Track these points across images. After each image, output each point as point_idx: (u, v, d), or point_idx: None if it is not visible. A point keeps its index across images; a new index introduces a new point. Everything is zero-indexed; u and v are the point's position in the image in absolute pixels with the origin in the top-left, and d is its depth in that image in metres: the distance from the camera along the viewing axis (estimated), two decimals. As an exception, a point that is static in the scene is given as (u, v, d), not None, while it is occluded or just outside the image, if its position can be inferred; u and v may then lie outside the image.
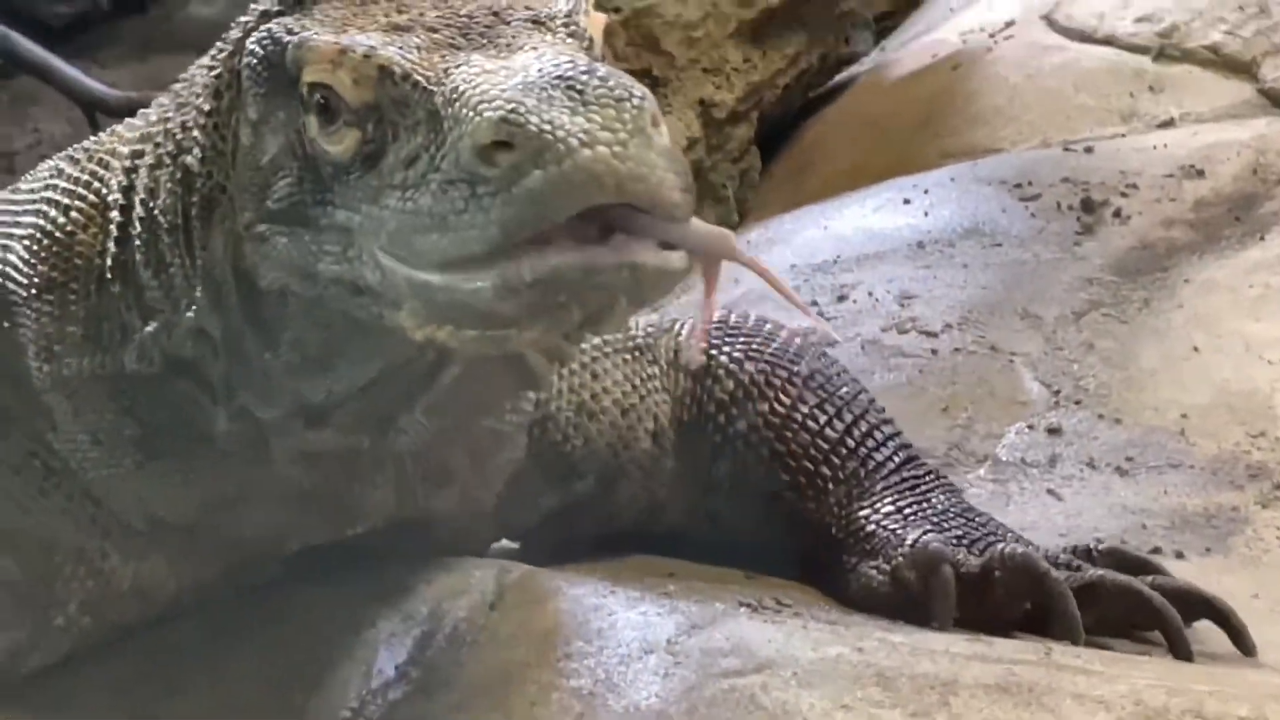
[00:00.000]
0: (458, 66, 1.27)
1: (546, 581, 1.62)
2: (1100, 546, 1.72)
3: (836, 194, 3.19)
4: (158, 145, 1.55)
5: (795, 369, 1.81)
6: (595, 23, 1.38)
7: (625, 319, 1.32)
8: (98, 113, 4.92)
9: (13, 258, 1.63)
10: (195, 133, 1.52)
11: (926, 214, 2.86)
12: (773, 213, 3.29)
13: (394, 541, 1.66)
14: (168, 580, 1.64)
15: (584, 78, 1.20)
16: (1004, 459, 2.20)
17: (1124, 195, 2.73)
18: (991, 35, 3.75)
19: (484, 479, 1.72)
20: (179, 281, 1.52)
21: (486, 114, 1.20)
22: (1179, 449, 2.15)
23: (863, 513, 1.72)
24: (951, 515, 1.71)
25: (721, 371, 1.81)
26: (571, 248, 1.18)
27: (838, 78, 4.13)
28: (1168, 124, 3.17)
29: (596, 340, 1.77)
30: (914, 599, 1.60)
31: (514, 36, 1.31)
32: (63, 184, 1.65)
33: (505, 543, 1.86)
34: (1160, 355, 2.35)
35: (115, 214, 1.58)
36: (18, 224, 1.65)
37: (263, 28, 1.42)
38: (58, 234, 1.61)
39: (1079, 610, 1.55)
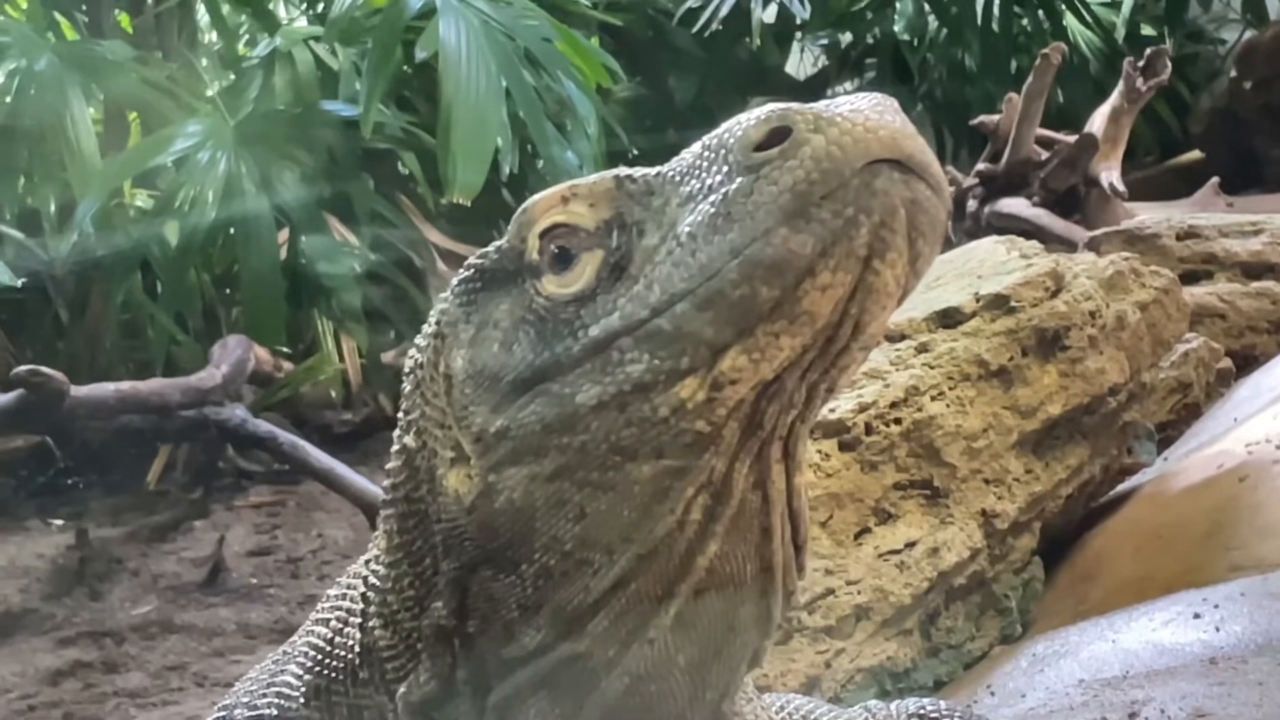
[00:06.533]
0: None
1: None
2: None
3: (1122, 606, 3.16)
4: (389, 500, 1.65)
5: None
6: None
7: (904, 253, 1.31)
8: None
9: (288, 676, 1.74)
10: (407, 438, 1.58)
11: (1218, 629, 2.82)
12: (1057, 624, 3.28)
13: None
14: None
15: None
16: None
17: None
18: (1278, 446, 3.71)
19: None
20: (408, 619, 1.55)
21: (753, 118, 1.30)
22: None
23: None
24: None
25: None
26: None
27: (1120, 488, 4.13)
28: None
29: None
30: None
31: None
32: (330, 602, 1.77)
33: None
34: None
35: (361, 604, 1.67)
36: (296, 645, 1.79)
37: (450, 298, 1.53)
38: (322, 644, 1.71)
39: None
